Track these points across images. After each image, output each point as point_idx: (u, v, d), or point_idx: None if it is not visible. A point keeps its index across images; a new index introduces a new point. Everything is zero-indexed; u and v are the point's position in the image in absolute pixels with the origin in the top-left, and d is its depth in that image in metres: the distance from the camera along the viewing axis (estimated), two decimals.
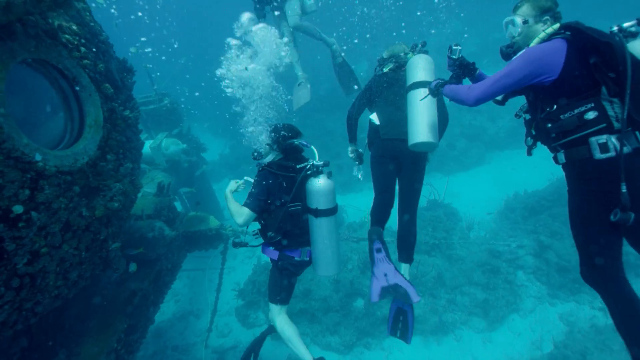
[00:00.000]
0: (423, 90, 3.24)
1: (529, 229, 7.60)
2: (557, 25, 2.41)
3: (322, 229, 3.27)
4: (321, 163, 3.24)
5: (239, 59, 3.46)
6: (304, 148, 3.46)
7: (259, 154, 3.34)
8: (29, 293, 2.44)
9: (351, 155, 4.07)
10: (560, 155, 2.37)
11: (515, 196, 8.71)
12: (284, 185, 3.22)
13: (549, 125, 2.33)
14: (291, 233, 3.34)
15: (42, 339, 3.63)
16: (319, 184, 3.19)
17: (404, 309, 3.69)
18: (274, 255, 3.44)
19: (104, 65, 3.10)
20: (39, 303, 2.56)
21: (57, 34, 2.62)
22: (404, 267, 3.74)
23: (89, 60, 2.92)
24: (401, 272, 3.34)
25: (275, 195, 3.20)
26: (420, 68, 3.33)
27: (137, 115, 3.53)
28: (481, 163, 11.11)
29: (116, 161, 3.08)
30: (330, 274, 3.46)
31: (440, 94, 2.99)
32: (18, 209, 2.22)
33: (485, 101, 2.62)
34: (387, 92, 3.76)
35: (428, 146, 3.28)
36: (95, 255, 3.05)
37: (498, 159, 11.13)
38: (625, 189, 2.03)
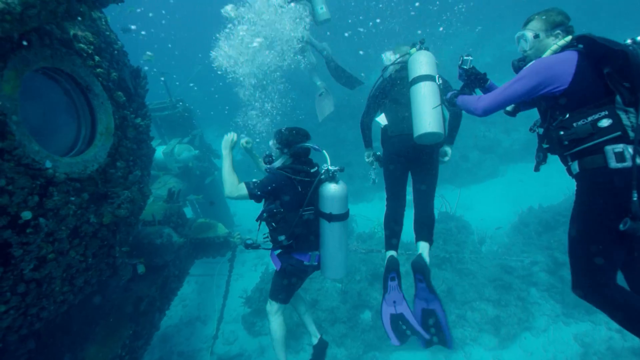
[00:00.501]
0: (424, 83, 3.30)
1: (544, 245, 7.39)
2: (569, 38, 2.41)
3: (335, 233, 3.31)
4: (337, 168, 3.25)
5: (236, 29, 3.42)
6: (314, 151, 3.44)
7: (271, 158, 3.35)
8: (35, 299, 2.46)
9: (367, 160, 4.18)
10: (574, 166, 2.34)
11: (530, 210, 8.51)
12: (299, 189, 3.22)
13: (562, 132, 2.31)
14: (302, 237, 3.35)
15: (50, 342, 3.66)
16: (334, 189, 3.20)
17: (430, 309, 3.60)
18: (280, 264, 3.45)
19: (117, 74, 3.15)
20: (44, 309, 2.58)
21: (72, 43, 2.67)
22: (423, 246, 3.67)
23: (103, 68, 2.96)
24: (419, 251, 3.56)
25: (288, 199, 3.20)
26: (421, 63, 3.40)
27: (149, 123, 3.57)
28: (494, 176, 10.93)
29: (126, 168, 3.11)
30: (339, 277, 3.52)
31: (455, 105, 3.02)
32: (27, 215, 2.24)
33: (493, 111, 2.65)
34: (393, 92, 3.84)
35: (433, 137, 3.30)
36: (102, 262, 3.07)
37: (512, 172, 10.93)
38: (636, 197, 2.00)
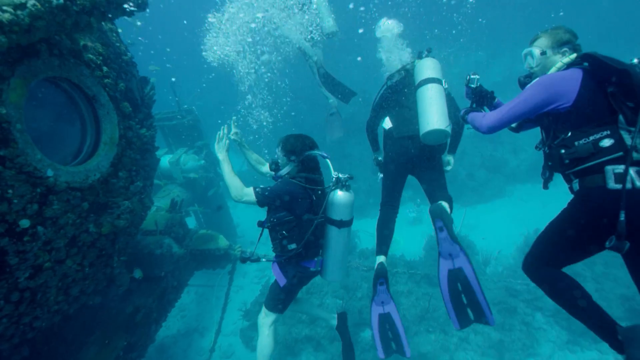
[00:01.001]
0: (431, 85, 3.39)
1: None
2: (574, 56, 2.42)
3: (342, 239, 3.36)
4: (347, 176, 3.28)
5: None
6: (325, 158, 3.42)
7: (277, 166, 3.33)
8: (29, 307, 2.43)
9: (374, 162, 4.35)
10: (575, 184, 2.34)
11: (536, 232, 8.35)
12: (313, 198, 3.23)
13: (563, 151, 2.30)
14: (311, 244, 3.36)
15: (44, 349, 3.61)
16: (345, 196, 3.23)
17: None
18: (285, 280, 3.44)
19: (124, 85, 3.18)
20: (37, 318, 2.55)
21: (81, 54, 2.70)
22: (444, 204, 3.64)
23: (111, 79, 2.99)
24: (443, 207, 3.54)
25: (303, 208, 3.20)
26: (428, 68, 3.52)
27: (154, 134, 3.59)
28: (501, 196, 10.81)
29: (128, 178, 3.11)
30: (340, 279, 3.60)
31: (465, 122, 3.04)
32: (25, 223, 2.24)
33: (499, 129, 2.66)
34: (398, 97, 3.92)
35: (439, 134, 3.36)
36: (100, 272, 3.05)
37: (519, 193, 10.80)
38: (623, 217, 1.99)
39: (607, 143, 2.11)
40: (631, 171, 2.03)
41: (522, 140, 11.24)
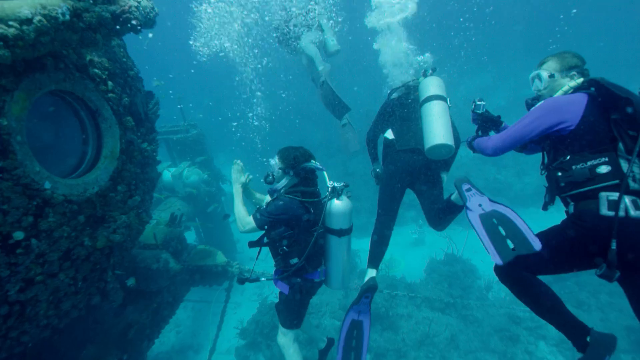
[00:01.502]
0: (437, 102, 3.48)
1: None
2: (581, 80, 2.44)
3: (343, 247, 3.36)
4: (342, 185, 3.27)
5: None
6: (320, 170, 3.40)
7: (273, 178, 3.29)
8: (17, 321, 2.39)
9: (372, 174, 4.32)
10: (571, 208, 2.34)
11: None
12: (311, 211, 3.19)
13: (559, 174, 2.32)
14: (312, 256, 3.32)
15: None
16: (342, 205, 3.22)
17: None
18: (288, 287, 3.45)
19: (129, 99, 3.21)
20: (25, 332, 2.50)
21: (87, 68, 2.74)
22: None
23: (115, 93, 3.02)
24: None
25: (302, 223, 3.17)
26: (433, 85, 3.60)
27: (155, 148, 3.60)
28: None
29: (127, 192, 3.10)
30: (343, 287, 3.63)
31: (472, 148, 3.05)
32: (19, 235, 2.22)
33: (503, 152, 2.69)
34: (401, 111, 4.00)
35: (444, 149, 3.43)
36: (93, 286, 3.00)
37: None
38: (615, 245, 1.99)
39: (604, 170, 2.12)
40: (626, 200, 2.03)
41: (527, 164, 11.19)
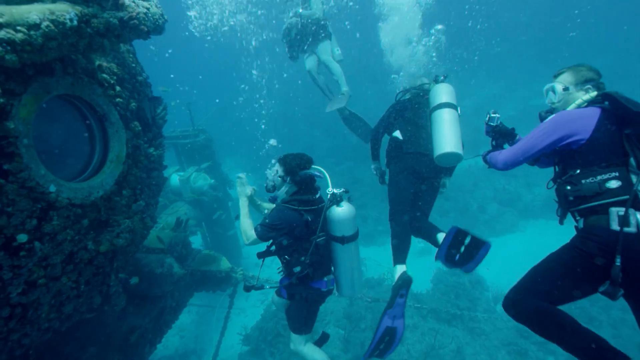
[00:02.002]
0: (447, 110, 3.55)
1: None
2: (595, 93, 2.40)
3: (349, 254, 3.31)
4: (342, 190, 3.23)
5: None
6: (318, 177, 3.38)
7: (274, 186, 3.30)
8: (19, 324, 2.39)
9: (375, 172, 4.46)
10: (580, 224, 2.32)
11: None
12: (309, 220, 3.15)
13: (568, 187, 2.29)
14: (317, 264, 3.29)
15: None
16: (343, 212, 3.16)
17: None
18: (286, 294, 3.47)
19: (136, 104, 3.23)
20: (27, 335, 2.50)
21: (95, 73, 2.77)
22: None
23: (123, 98, 3.05)
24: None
25: (299, 232, 3.13)
26: (444, 93, 3.66)
27: (162, 153, 3.61)
28: (514, 230, 10.51)
29: (132, 197, 3.11)
30: (355, 294, 3.59)
31: (486, 162, 3.03)
32: (22, 237, 2.22)
33: (514, 165, 2.66)
34: (411, 114, 4.03)
35: (453, 158, 3.51)
36: (95, 289, 3.00)
37: (532, 228, 10.50)
38: (619, 262, 1.96)
39: (614, 185, 2.09)
40: (638, 216, 2.00)
41: (537, 175, 11.05)
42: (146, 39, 2.85)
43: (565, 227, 2.72)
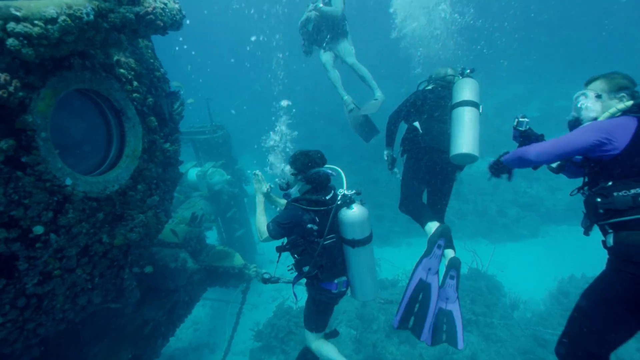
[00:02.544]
0: (469, 109, 3.50)
1: None
2: (630, 103, 2.28)
3: (361, 258, 3.22)
4: (353, 192, 3.13)
5: None
6: (331, 176, 3.29)
7: (287, 184, 3.26)
8: (34, 314, 2.44)
9: (386, 159, 4.42)
10: (609, 239, 2.17)
11: (571, 279, 7.80)
12: (316, 220, 3.08)
13: (599, 199, 2.17)
14: (327, 266, 3.22)
15: (56, 350, 3.62)
16: (353, 214, 3.07)
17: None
18: (297, 297, 3.46)
19: (153, 99, 3.25)
20: (42, 325, 2.55)
21: (113, 68, 2.79)
22: (449, 253, 3.56)
23: (140, 93, 3.07)
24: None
25: (307, 231, 3.07)
26: (467, 89, 3.59)
27: (177, 149, 3.63)
28: (534, 235, 10.21)
29: (147, 191, 3.14)
30: (369, 299, 3.47)
31: (503, 166, 2.87)
32: (38, 229, 2.26)
33: (548, 158, 2.47)
34: (431, 106, 3.96)
35: (469, 158, 3.49)
36: (109, 282, 3.04)
37: (554, 234, 10.18)
38: None
39: None
40: None
41: (560, 178, 10.63)
42: (163, 35, 2.86)
43: (591, 235, 2.59)
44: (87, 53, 2.51)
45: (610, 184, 2.15)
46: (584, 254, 8.72)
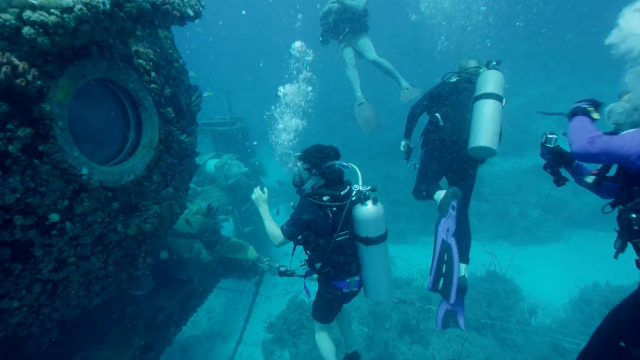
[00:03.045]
0: (492, 101, 3.46)
1: None
2: None
3: (374, 257, 3.16)
4: (368, 188, 3.06)
5: None
6: (345, 170, 3.24)
7: (301, 180, 3.18)
8: (49, 299, 2.49)
9: (402, 149, 4.39)
10: None
11: (594, 287, 7.51)
12: (330, 216, 3.02)
13: (633, 215, 2.04)
14: (339, 263, 3.17)
15: (74, 332, 3.71)
16: (367, 211, 2.99)
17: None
18: (309, 294, 3.41)
19: (170, 91, 3.25)
20: (56, 310, 2.60)
21: (132, 58, 2.79)
22: (462, 267, 3.66)
23: (157, 84, 3.07)
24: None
25: (320, 227, 3.03)
26: (491, 81, 3.55)
27: (194, 140, 3.63)
28: (557, 239, 9.86)
29: (162, 182, 3.15)
30: (382, 299, 3.42)
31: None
32: (54, 217, 2.30)
33: (603, 150, 2.20)
34: (454, 98, 3.92)
35: (487, 152, 3.48)
36: (124, 271, 3.08)
37: (577, 239, 9.80)
38: None
39: None
40: None
41: None
42: (181, 25, 2.83)
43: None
44: (106, 42, 2.51)
45: None
46: (609, 262, 8.39)
